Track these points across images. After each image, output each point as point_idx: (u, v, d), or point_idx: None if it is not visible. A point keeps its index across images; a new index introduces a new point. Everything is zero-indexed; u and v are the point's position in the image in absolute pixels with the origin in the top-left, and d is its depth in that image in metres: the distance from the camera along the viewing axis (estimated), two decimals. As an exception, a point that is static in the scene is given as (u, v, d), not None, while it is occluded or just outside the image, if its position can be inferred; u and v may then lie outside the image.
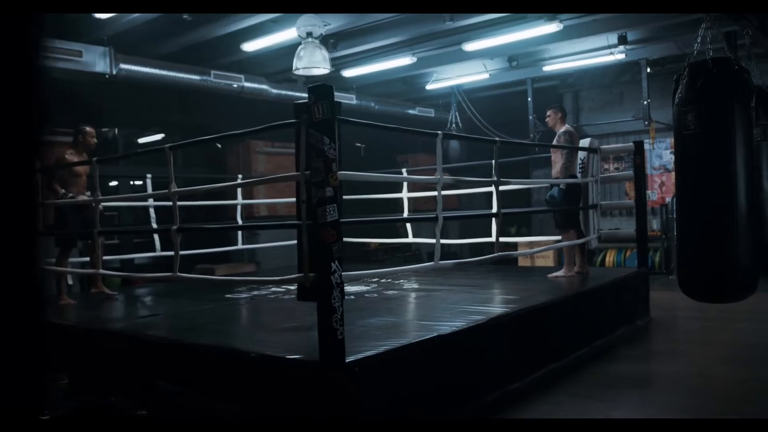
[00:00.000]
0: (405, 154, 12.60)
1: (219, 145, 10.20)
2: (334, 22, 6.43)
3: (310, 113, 3.05)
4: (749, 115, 3.54)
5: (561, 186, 5.86)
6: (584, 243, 5.95)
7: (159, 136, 10.09)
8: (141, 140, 10.43)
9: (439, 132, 4.25)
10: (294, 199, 7.72)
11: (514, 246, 9.41)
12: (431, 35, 7.20)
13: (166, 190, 4.34)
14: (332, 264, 3.01)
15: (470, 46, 7.28)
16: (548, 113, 6.21)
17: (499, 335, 4.10)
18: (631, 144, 6.39)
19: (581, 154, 6.43)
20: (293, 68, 6.15)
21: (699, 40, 3.69)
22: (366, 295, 5.45)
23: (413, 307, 4.83)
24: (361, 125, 3.70)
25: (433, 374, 3.49)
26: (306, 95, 8.41)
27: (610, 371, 4.60)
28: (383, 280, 6.27)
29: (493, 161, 4.78)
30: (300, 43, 6.35)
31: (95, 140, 5.70)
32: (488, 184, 4.93)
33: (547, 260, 11.08)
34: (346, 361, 3.03)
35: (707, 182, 3.52)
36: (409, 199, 11.23)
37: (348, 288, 5.81)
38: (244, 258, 9.78)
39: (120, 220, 8.88)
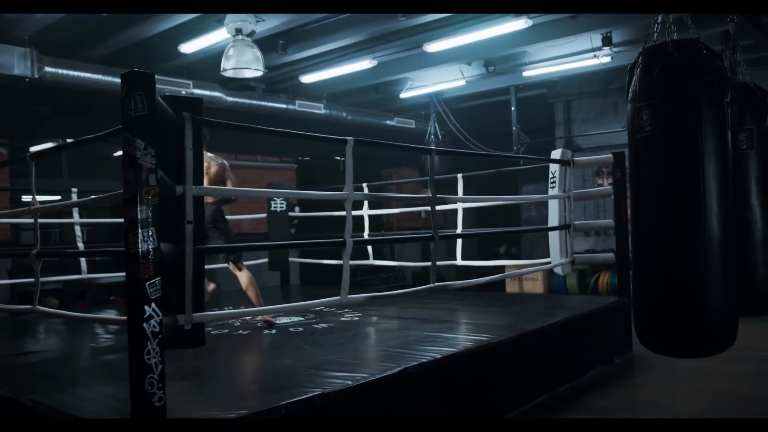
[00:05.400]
0: (389, 168, 11.89)
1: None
2: (271, 20, 5.72)
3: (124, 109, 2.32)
4: (722, 113, 2.73)
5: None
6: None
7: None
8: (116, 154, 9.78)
9: (349, 138, 3.50)
10: (262, 215, 7.05)
11: (501, 269, 8.59)
12: (388, 35, 6.47)
13: (27, 207, 3.65)
14: (146, 307, 2.25)
15: (432, 47, 6.54)
16: None
17: (420, 388, 3.31)
18: (610, 156, 5.56)
19: (552, 167, 5.65)
20: (221, 69, 5.43)
21: (657, 23, 2.91)
22: (290, 329, 4.67)
23: (328, 348, 4.01)
24: (225, 127, 2.95)
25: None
26: (266, 104, 7.61)
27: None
28: (325, 309, 5.50)
29: (429, 177, 4.01)
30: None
31: None
32: (423, 202, 4.13)
33: (536, 284, 10.24)
34: (171, 435, 2.28)
35: (668, 199, 2.71)
36: (390, 216, 10.49)
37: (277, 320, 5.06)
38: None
39: (62, 238, 8.21)
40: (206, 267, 4.40)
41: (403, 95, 9.12)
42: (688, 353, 2.75)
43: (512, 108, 9.18)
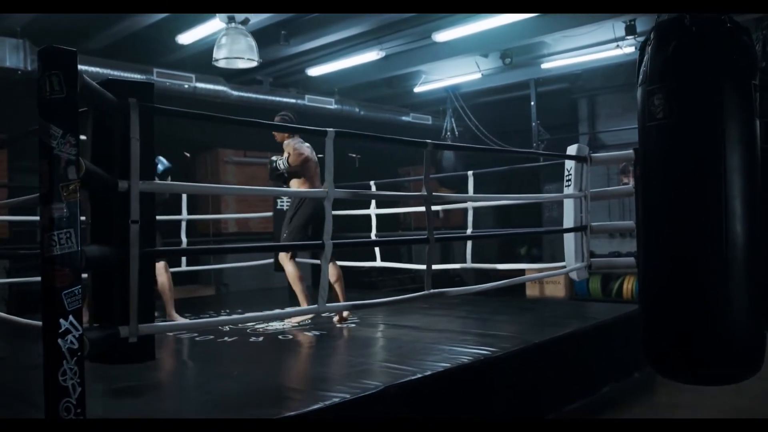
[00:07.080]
0: (406, 166, 11.53)
1: (188, 155, 9.34)
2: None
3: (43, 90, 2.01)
4: (749, 98, 2.33)
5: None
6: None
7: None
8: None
9: (330, 129, 3.17)
10: (269, 213, 6.80)
11: (521, 272, 8.18)
12: (395, 24, 6.12)
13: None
14: (61, 321, 1.95)
15: (442, 36, 6.17)
16: None
17: (403, 410, 2.96)
18: (631, 152, 5.11)
19: (568, 164, 5.23)
20: (213, 59, 5.15)
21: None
22: (279, 336, 4.35)
23: (312, 360, 3.69)
24: (179, 115, 2.65)
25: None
26: (273, 98, 7.30)
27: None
28: (323, 315, 5.18)
29: (424, 175, 3.65)
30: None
31: None
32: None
33: (557, 287, 9.79)
34: (94, 468, 1.98)
35: (683, 198, 2.32)
36: (407, 215, 10.12)
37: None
38: (210, 279, 8.85)
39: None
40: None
41: (418, 89, 8.77)
42: (705, 380, 2.35)
43: (532, 103, 8.75)
